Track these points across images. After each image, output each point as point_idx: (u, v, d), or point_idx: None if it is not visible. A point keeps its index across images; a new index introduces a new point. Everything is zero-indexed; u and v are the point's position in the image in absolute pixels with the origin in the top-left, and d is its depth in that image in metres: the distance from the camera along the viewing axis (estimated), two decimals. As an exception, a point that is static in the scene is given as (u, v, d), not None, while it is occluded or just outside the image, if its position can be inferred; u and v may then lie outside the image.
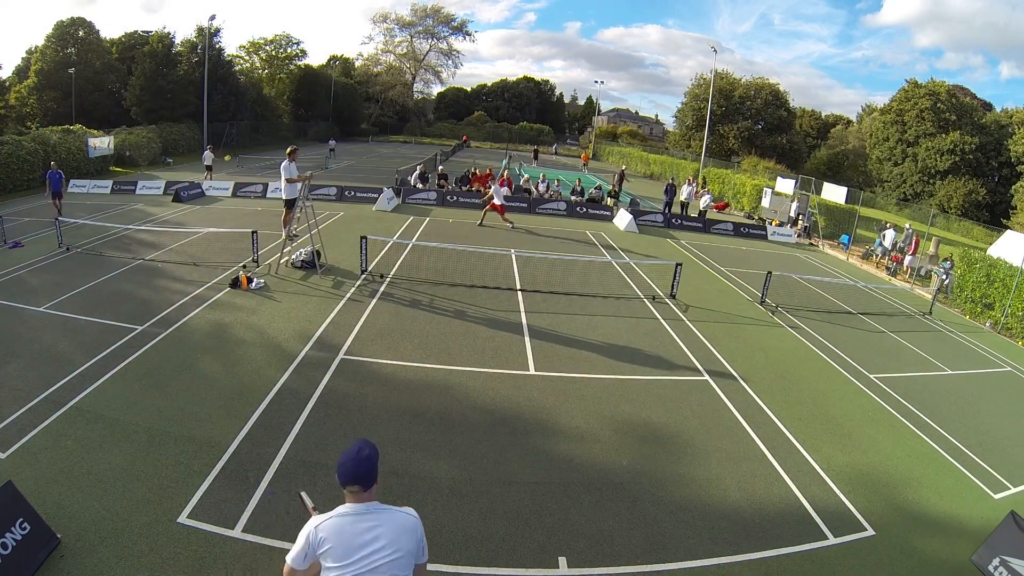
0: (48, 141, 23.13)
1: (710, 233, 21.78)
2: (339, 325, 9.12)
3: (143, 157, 29.87)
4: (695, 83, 50.45)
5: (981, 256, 15.46)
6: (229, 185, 21.86)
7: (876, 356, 10.38)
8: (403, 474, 5.58)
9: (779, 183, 26.70)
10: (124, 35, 44.73)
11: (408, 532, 2.51)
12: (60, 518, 4.54)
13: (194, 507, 4.86)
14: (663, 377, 8.37)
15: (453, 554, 4.63)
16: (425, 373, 7.78)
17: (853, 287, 15.35)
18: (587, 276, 13.32)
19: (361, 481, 2.45)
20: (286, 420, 6.31)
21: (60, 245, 12.68)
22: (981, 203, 37.10)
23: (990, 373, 10.64)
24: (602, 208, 22.58)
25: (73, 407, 6.29)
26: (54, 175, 16.51)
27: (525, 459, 6.01)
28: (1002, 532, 5.08)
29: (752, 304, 12.65)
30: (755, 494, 5.82)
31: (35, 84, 38.35)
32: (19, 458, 5.37)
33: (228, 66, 45.08)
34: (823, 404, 8.11)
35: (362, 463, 2.45)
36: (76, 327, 8.51)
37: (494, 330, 9.51)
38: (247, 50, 57.64)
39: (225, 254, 12.70)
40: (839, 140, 52.89)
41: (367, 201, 20.35)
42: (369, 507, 2.48)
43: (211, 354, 7.87)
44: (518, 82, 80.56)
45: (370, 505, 2.49)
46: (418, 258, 13.47)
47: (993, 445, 7.54)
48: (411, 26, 71.47)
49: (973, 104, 44.28)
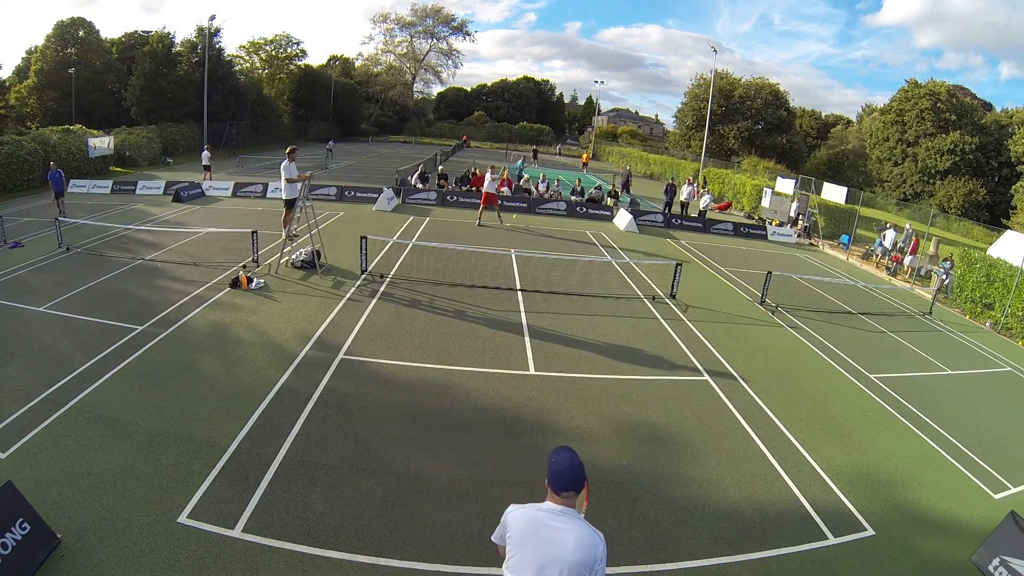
0: (48, 141, 23.13)
1: (710, 233, 21.78)
2: (339, 325, 9.12)
3: (143, 157, 29.87)
4: (695, 83, 50.49)
5: (981, 256, 15.46)
6: (229, 185, 21.86)
7: (876, 356, 10.38)
8: (403, 474, 5.58)
9: (779, 183, 26.70)
10: (124, 35, 44.74)
11: (589, 548, 2.55)
12: (60, 518, 4.55)
13: (194, 507, 4.87)
14: (663, 377, 8.37)
15: (453, 554, 4.63)
16: (425, 373, 7.78)
17: (853, 287, 15.35)
18: (587, 276, 13.32)
19: (576, 487, 2.59)
20: (286, 420, 6.31)
21: (60, 245, 12.68)
22: (981, 203, 37.10)
23: (990, 373, 10.64)
24: (602, 208, 22.57)
25: (73, 407, 6.29)
26: (55, 175, 16.50)
27: (525, 459, 6.01)
28: (1002, 532, 5.08)
29: (752, 304, 12.65)
30: (755, 494, 5.82)
31: (35, 84, 38.34)
32: (19, 458, 5.37)
33: (228, 66, 45.07)
34: (823, 404, 8.11)
35: (577, 470, 2.59)
36: (76, 327, 8.51)
37: (494, 330, 9.51)
38: (247, 50, 57.66)
39: (225, 254, 12.70)
40: (839, 140, 52.89)
41: (367, 201, 20.35)
42: (566, 511, 2.59)
43: (211, 354, 7.87)
44: (518, 82, 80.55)
45: (568, 510, 2.59)
46: (418, 258, 13.47)
47: (993, 445, 7.54)
48: (411, 26, 71.50)
49: (973, 104, 44.29)
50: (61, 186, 16.75)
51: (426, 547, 4.67)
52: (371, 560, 4.49)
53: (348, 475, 5.48)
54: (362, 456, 5.81)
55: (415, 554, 4.58)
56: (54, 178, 16.50)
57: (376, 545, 4.64)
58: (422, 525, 4.91)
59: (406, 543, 4.69)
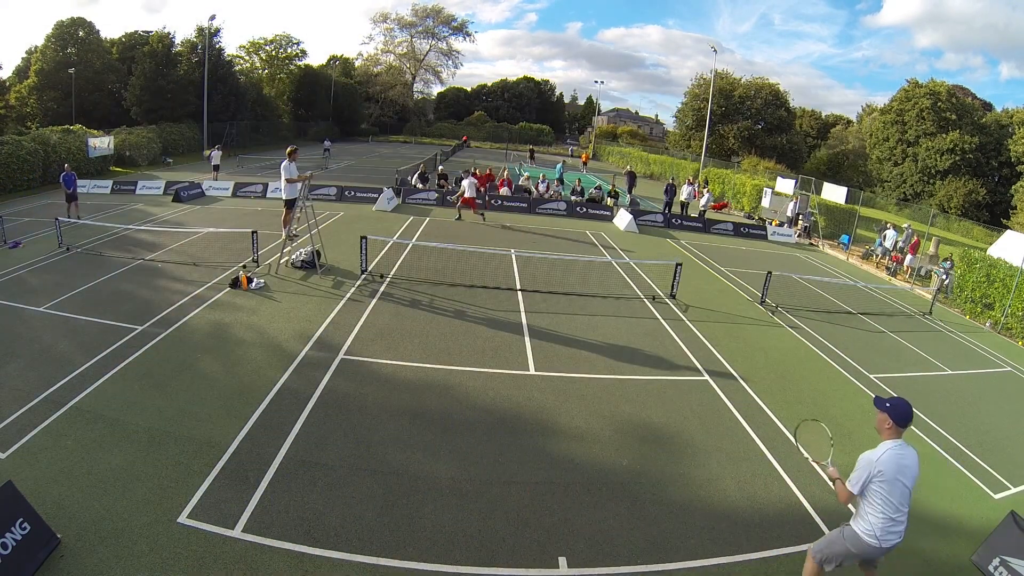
0: (48, 141, 23.11)
1: (710, 233, 21.78)
2: (339, 325, 9.12)
3: (143, 157, 29.87)
4: (695, 83, 50.53)
5: (981, 256, 15.45)
6: (229, 185, 21.87)
7: (876, 356, 10.38)
8: (403, 474, 5.58)
9: (779, 183, 26.71)
10: (124, 35, 44.75)
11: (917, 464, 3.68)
12: (60, 518, 4.54)
13: (194, 507, 4.87)
14: (663, 377, 8.37)
15: (453, 554, 4.63)
16: (425, 373, 7.78)
17: (853, 287, 15.35)
18: (587, 276, 13.32)
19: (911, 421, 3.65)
20: (286, 420, 6.31)
21: (60, 245, 12.68)
22: (981, 203, 37.08)
23: (990, 373, 10.64)
24: (602, 208, 22.58)
25: (73, 407, 6.29)
26: (68, 177, 16.07)
27: (525, 459, 6.01)
28: (1002, 532, 5.08)
29: (752, 304, 12.65)
30: (755, 494, 5.82)
31: (35, 84, 38.35)
32: (19, 458, 5.37)
33: (228, 66, 45.08)
34: (823, 404, 8.11)
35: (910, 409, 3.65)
36: (76, 327, 8.51)
37: (494, 330, 9.51)
38: (247, 50, 57.68)
39: (225, 254, 12.70)
40: (839, 140, 52.87)
41: (367, 201, 20.35)
42: (903, 443, 3.65)
43: (211, 354, 7.87)
44: (518, 82, 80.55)
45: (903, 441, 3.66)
46: (418, 258, 13.47)
47: (993, 445, 7.54)
48: (411, 26, 71.51)
49: (973, 104, 44.28)
50: (74, 188, 16.21)
51: (426, 547, 4.67)
52: (371, 560, 4.49)
53: (348, 475, 5.48)
54: (362, 456, 5.81)
55: (415, 554, 4.58)
56: (67, 180, 16.04)
57: (376, 545, 4.64)
58: (422, 525, 4.91)
59: (406, 543, 4.69)
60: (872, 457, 3.53)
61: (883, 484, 3.48)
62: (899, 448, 3.54)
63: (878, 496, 3.52)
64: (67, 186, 16.08)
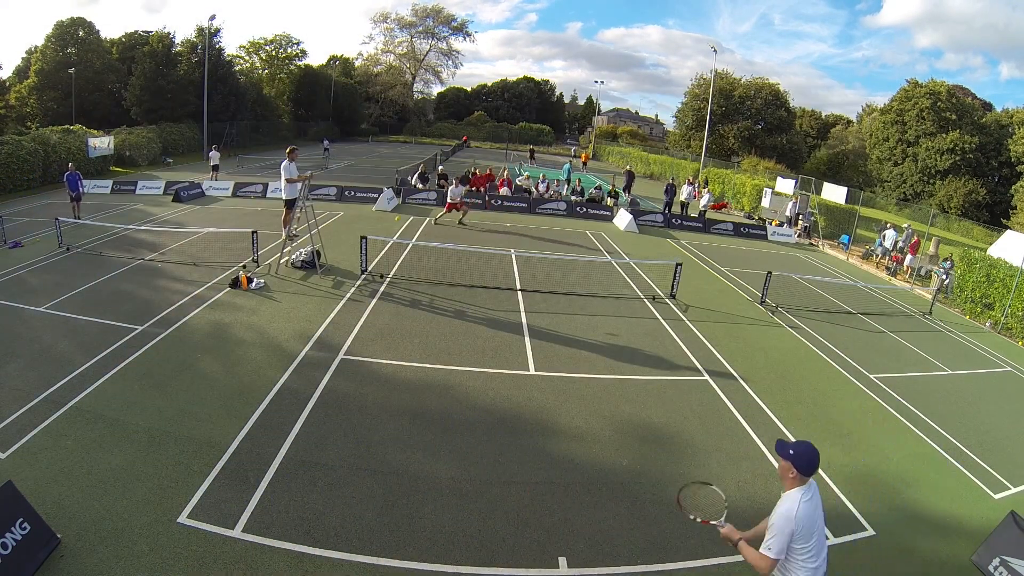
0: (48, 141, 23.11)
1: (710, 233, 21.78)
2: (339, 325, 9.12)
3: (143, 157, 29.87)
4: (695, 83, 50.49)
5: (981, 256, 15.45)
6: (229, 185, 21.87)
7: (876, 356, 10.38)
8: (403, 474, 5.58)
9: (779, 183, 26.70)
10: (124, 35, 44.74)
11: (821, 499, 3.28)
12: (60, 518, 4.54)
13: (194, 507, 4.87)
14: (663, 377, 8.37)
15: (453, 554, 4.64)
16: (425, 373, 7.78)
17: (853, 287, 15.35)
18: (587, 276, 13.32)
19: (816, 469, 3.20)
20: (286, 420, 6.31)
21: (60, 245, 12.68)
22: (981, 203, 37.07)
23: (990, 373, 10.64)
24: (602, 208, 22.57)
25: (73, 407, 6.29)
26: (72, 176, 15.92)
27: (525, 459, 6.01)
28: (1002, 532, 5.08)
29: (752, 304, 12.65)
30: (755, 494, 5.81)
31: (35, 84, 38.34)
32: (19, 458, 5.37)
33: (228, 66, 45.06)
34: (823, 404, 8.11)
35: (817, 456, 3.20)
36: (76, 327, 8.51)
37: (494, 330, 9.51)
38: (247, 50, 57.65)
39: (225, 254, 12.70)
40: (839, 140, 52.85)
41: (367, 201, 20.35)
42: (810, 484, 3.20)
43: (211, 354, 7.87)
44: (518, 82, 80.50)
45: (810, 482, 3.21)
46: (418, 258, 13.47)
47: (993, 445, 7.54)
48: (411, 26, 71.50)
49: (973, 104, 44.26)
50: (78, 188, 16.05)
51: (426, 547, 4.67)
52: (371, 560, 4.49)
53: (348, 475, 5.48)
54: (362, 456, 5.81)
55: (415, 554, 4.58)
56: (71, 180, 15.86)
57: (376, 545, 4.64)
58: (422, 525, 4.91)
59: (406, 543, 4.69)
60: (789, 514, 3.15)
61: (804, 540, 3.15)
62: (809, 495, 3.16)
63: (801, 554, 3.17)
64: (71, 187, 15.91)
